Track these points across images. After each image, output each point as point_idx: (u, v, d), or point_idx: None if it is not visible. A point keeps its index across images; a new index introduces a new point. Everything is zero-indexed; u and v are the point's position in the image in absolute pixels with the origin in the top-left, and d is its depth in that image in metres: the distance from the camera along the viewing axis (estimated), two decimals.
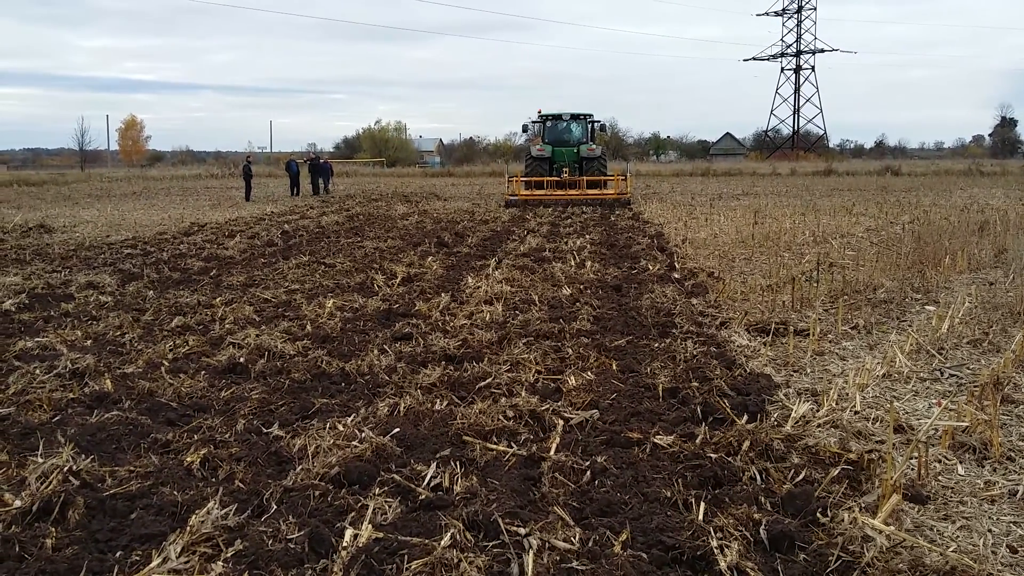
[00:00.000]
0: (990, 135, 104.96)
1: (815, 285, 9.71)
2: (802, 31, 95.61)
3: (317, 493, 3.91)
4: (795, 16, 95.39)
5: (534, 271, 11.20)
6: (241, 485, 4.06)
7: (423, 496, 3.93)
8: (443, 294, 9.35)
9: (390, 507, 3.78)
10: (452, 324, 7.83)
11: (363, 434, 4.65)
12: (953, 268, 11.03)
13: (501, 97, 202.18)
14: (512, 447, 4.58)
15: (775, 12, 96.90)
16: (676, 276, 10.72)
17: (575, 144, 28.77)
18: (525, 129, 33.17)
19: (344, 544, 3.38)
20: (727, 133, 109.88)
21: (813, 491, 3.97)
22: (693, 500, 3.91)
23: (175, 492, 3.91)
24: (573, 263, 11.88)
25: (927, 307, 8.69)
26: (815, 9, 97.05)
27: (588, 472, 4.23)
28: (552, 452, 4.50)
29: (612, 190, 25.89)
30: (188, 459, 4.41)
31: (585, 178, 26.70)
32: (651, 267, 11.50)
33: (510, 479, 4.16)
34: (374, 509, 3.72)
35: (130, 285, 10.37)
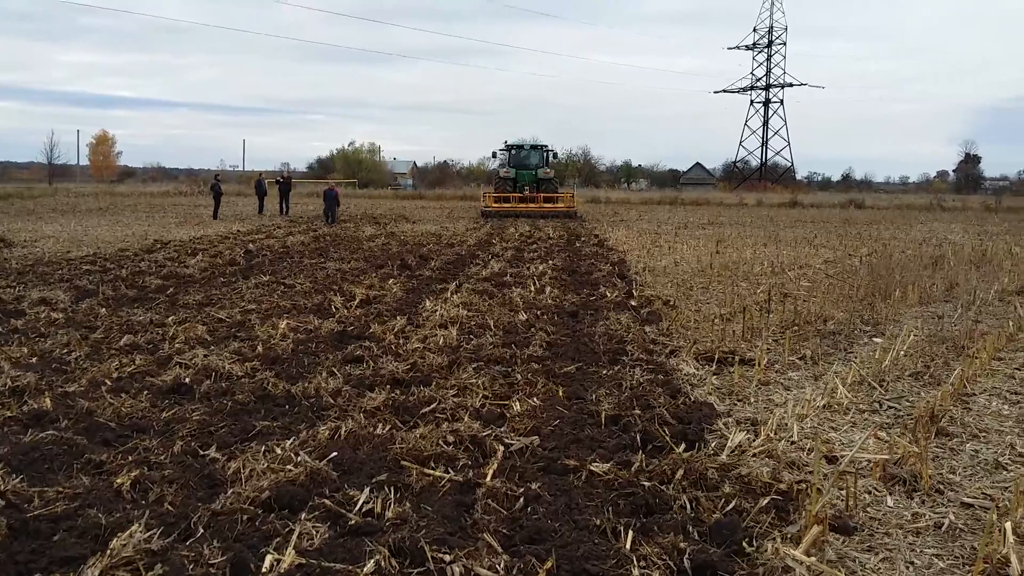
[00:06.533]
0: (954, 171, 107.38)
1: (767, 315, 9.84)
2: (771, 65, 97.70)
3: (245, 517, 3.88)
4: (765, 51, 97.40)
5: (493, 296, 11.23)
6: (170, 508, 4.02)
7: (353, 521, 3.92)
8: (400, 317, 9.36)
9: (318, 532, 3.76)
10: (405, 348, 7.82)
11: (299, 458, 4.63)
12: (904, 301, 11.23)
13: (475, 122, 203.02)
14: (449, 473, 4.58)
15: (746, 46, 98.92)
16: (633, 303, 10.81)
17: (534, 168, 36.56)
18: (495, 155, 41.42)
19: (264, 569, 3.36)
20: (697, 163, 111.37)
21: (741, 521, 4.02)
22: (622, 528, 3.93)
23: (100, 515, 3.86)
24: (533, 288, 11.94)
25: (874, 339, 8.84)
26: (784, 44, 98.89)
27: (522, 499, 4.24)
28: (488, 478, 4.50)
29: (563, 204, 34.18)
30: (119, 481, 4.35)
31: (542, 194, 34.42)
32: (609, 294, 11.58)
33: (443, 505, 4.17)
34: (301, 534, 3.70)
35: (84, 302, 10.24)
